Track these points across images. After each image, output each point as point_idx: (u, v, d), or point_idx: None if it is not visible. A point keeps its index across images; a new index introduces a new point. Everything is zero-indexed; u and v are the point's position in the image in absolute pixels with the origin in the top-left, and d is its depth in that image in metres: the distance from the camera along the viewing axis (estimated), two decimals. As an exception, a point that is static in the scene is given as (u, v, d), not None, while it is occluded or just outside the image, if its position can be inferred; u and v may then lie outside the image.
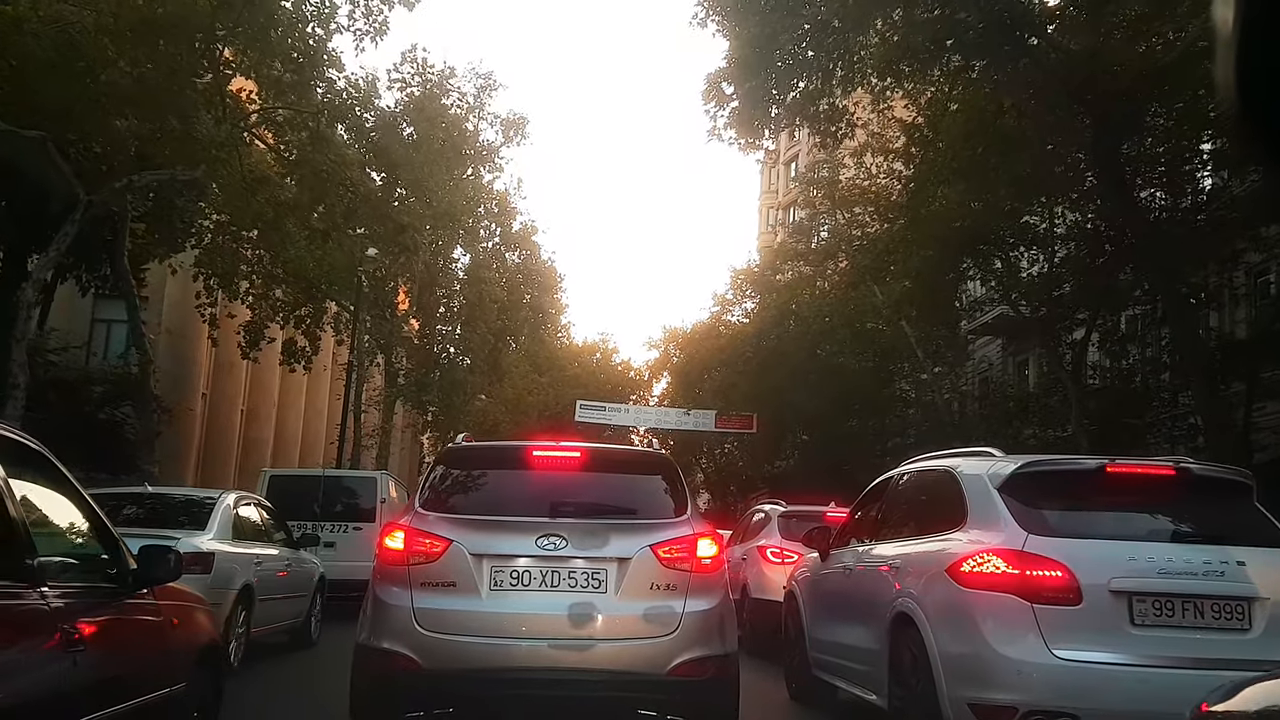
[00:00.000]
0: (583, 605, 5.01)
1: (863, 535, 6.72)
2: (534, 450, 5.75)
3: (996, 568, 4.61)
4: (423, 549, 5.14)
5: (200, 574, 7.31)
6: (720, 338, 40.03)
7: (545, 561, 5.08)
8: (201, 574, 7.39)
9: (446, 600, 5.04)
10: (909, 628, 5.12)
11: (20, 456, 3.25)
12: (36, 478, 3.39)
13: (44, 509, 3.48)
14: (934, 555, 5.16)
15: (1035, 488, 4.92)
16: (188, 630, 4.42)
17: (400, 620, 5.04)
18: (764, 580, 10.59)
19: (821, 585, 7.21)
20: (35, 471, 3.39)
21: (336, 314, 25.49)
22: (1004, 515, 4.81)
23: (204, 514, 8.62)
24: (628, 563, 5.11)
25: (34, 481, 3.35)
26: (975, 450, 5.90)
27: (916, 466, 6.25)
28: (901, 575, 5.40)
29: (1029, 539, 4.60)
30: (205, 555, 7.85)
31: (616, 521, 5.42)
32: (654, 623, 5.05)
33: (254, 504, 10.15)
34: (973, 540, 4.87)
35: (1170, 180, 18.35)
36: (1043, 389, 24.61)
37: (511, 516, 5.34)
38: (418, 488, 5.96)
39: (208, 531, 8.35)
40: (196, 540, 7.92)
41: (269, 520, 10.28)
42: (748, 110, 15.36)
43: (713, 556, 5.30)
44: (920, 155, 18.50)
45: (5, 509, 2.95)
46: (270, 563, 9.41)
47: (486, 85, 27.16)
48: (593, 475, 5.78)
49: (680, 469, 6.07)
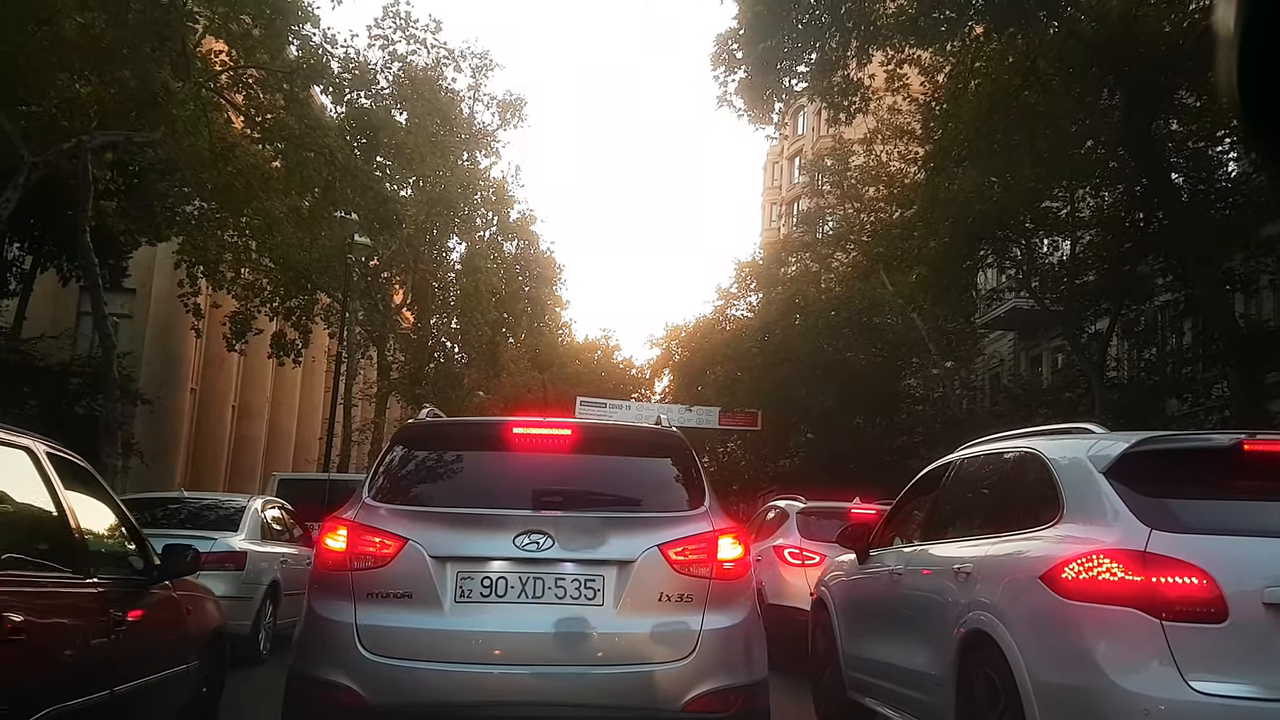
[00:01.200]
0: (573, 622, 3.96)
1: (912, 533, 5.67)
2: (513, 427, 4.64)
3: (1111, 573, 3.56)
4: (370, 550, 4.05)
5: (234, 570, 8.21)
6: (724, 332, 39.38)
7: (526, 566, 4.02)
8: (235, 570, 8.23)
9: (400, 615, 3.96)
10: (986, 649, 4.07)
11: (71, 471, 3.99)
12: (82, 488, 4.09)
13: (89, 514, 4.11)
14: (1020, 558, 4.10)
15: (1154, 472, 3.86)
16: (199, 618, 5.15)
17: (340, 641, 3.96)
18: (782, 584, 9.52)
19: (860, 592, 6.13)
20: (81, 483, 4.09)
21: (328, 305, 24.61)
22: (1115, 506, 3.76)
23: (235, 516, 9.34)
24: (630, 567, 4.05)
25: (81, 491, 4.03)
26: (1065, 427, 4.85)
27: (985, 449, 5.17)
28: (974, 582, 4.34)
29: (1153, 535, 3.55)
30: (239, 554, 8.52)
31: (616, 515, 4.35)
32: (664, 644, 4.01)
33: (277, 507, 10.76)
34: (1073, 538, 3.82)
35: (1199, 162, 17.58)
36: (1062, 382, 23.74)
37: (484, 509, 4.26)
38: (368, 474, 4.86)
39: (239, 532, 9.01)
40: (230, 540, 8.64)
41: (289, 521, 10.78)
42: (759, 78, 14.41)
43: (737, 559, 4.21)
44: (939, 131, 17.53)
45: (65, 515, 3.72)
46: (292, 561, 9.85)
47: (482, 65, 26.26)
48: (586, 458, 4.67)
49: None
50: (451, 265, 30.09)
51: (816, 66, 15.03)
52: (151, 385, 23.11)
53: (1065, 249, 21.36)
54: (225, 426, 30.25)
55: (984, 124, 16.22)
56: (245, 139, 15.42)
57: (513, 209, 31.17)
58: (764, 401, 34.95)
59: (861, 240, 27.63)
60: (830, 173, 32.14)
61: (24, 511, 3.61)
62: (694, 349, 42.41)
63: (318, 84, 14.17)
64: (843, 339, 30.96)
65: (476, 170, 28.44)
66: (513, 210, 31.18)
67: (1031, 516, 4.21)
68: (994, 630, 4.02)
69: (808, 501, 10.85)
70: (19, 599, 3.12)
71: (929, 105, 19.09)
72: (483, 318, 27.74)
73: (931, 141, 18.47)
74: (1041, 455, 4.34)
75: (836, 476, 24.80)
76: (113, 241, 17.30)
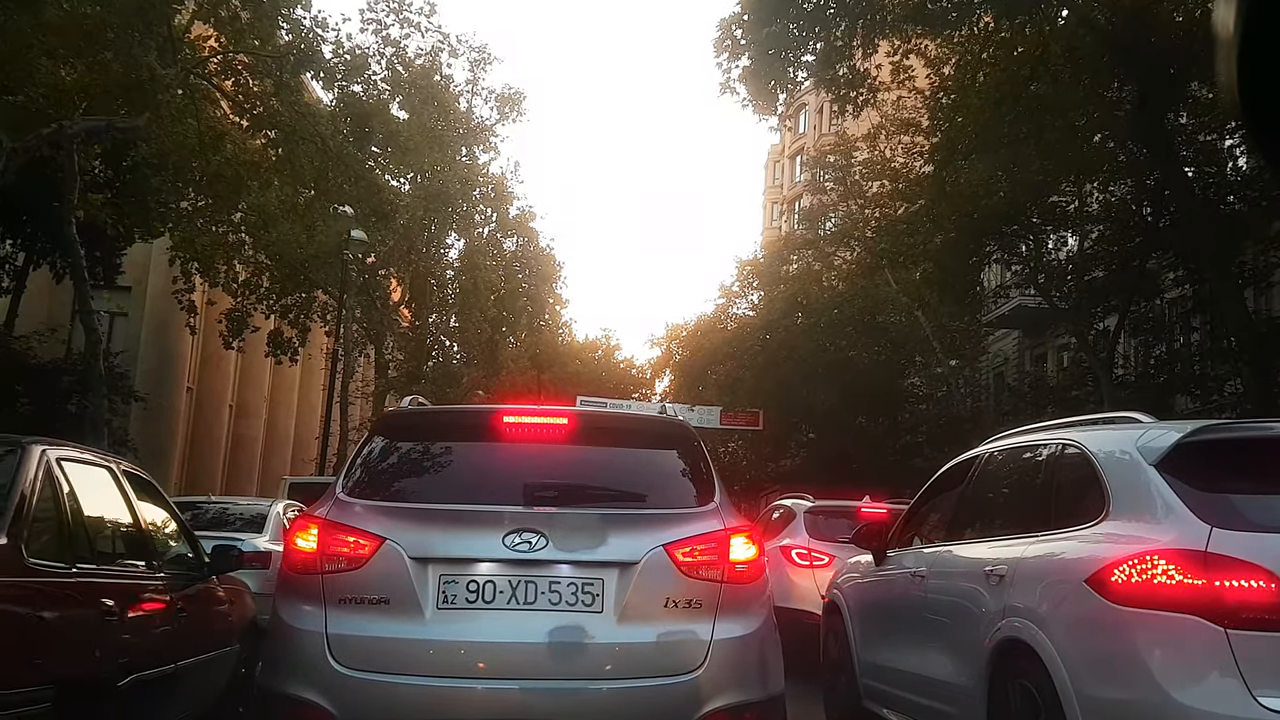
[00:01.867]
0: (569, 631, 3.57)
1: (935, 532, 5.31)
2: (504, 415, 4.21)
3: (1168, 576, 3.21)
4: (343, 550, 3.65)
5: (261, 569, 8.68)
6: (726, 331, 39.16)
7: (517, 568, 3.62)
8: (262, 569, 8.69)
9: (375, 624, 3.56)
10: (1023, 658, 3.72)
11: (139, 483, 4.91)
12: (147, 497, 4.99)
13: (154, 518, 5.03)
14: (1061, 560, 3.75)
15: (1212, 464, 3.50)
16: (239, 608, 5.85)
17: (308, 653, 3.56)
18: (789, 586, 9.15)
19: (877, 595, 5.77)
20: (146, 492, 5.01)
21: (326, 303, 24.29)
22: (1169, 501, 3.41)
23: (260, 519, 10.17)
24: (632, 569, 3.65)
25: (147, 499, 4.94)
26: (1108, 416, 4.47)
27: (1019, 441, 4.79)
28: (1008, 586, 3.98)
29: (1214, 534, 3.21)
30: (264, 554, 9.17)
31: (617, 512, 3.97)
32: (671, 656, 3.61)
33: (295, 510, 11.22)
34: (1122, 537, 3.47)
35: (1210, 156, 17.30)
36: (1069, 380, 23.43)
37: (471, 505, 3.86)
38: (344, 466, 4.47)
39: (264, 534, 9.75)
40: (257, 541, 9.40)
41: None
42: (763, 65, 14.04)
43: (751, 560, 3.81)
44: (947, 122, 17.21)
45: (138, 520, 4.66)
46: None
47: (480, 59, 25.93)
48: (584, 449, 4.28)
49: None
50: (450, 262, 29.78)
51: (821, 56, 14.68)
52: (147, 384, 22.87)
53: (1073, 245, 21.08)
54: (222, 426, 30.03)
55: (992, 116, 15.92)
56: (234, 127, 15.06)
57: (512, 205, 30.91)
58: (766, 401, 34.72)
59: (865, 236, 27.37)
60: (833, 169, 31.84)
61: (110, 519, 4.57)
62: (695, 348, 42.22)
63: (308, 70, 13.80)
64: (845, 337, 30.73)
65: (475, 166, 28.13)
66: (512, 207, 30.92)
67: (1072, 514, 3.85)
68: (1032, 638, 3.67)
69: (815, 500, 10.49)
70: (115, 590, 4.09)
71: (936, 96, 18.78)
72: (482, 315, 27.41)
73: (939, 133, 18.16)
74: (1083, 447, 3.97)
75: (839, 476, 24.58)
76: (106, 237, 16.99)
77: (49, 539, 3.79)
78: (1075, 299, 20.08)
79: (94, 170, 14.31)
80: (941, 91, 18.21)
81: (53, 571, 3.69)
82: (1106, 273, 19.58)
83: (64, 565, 3.78)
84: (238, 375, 30.64)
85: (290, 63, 13.17)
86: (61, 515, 3.94)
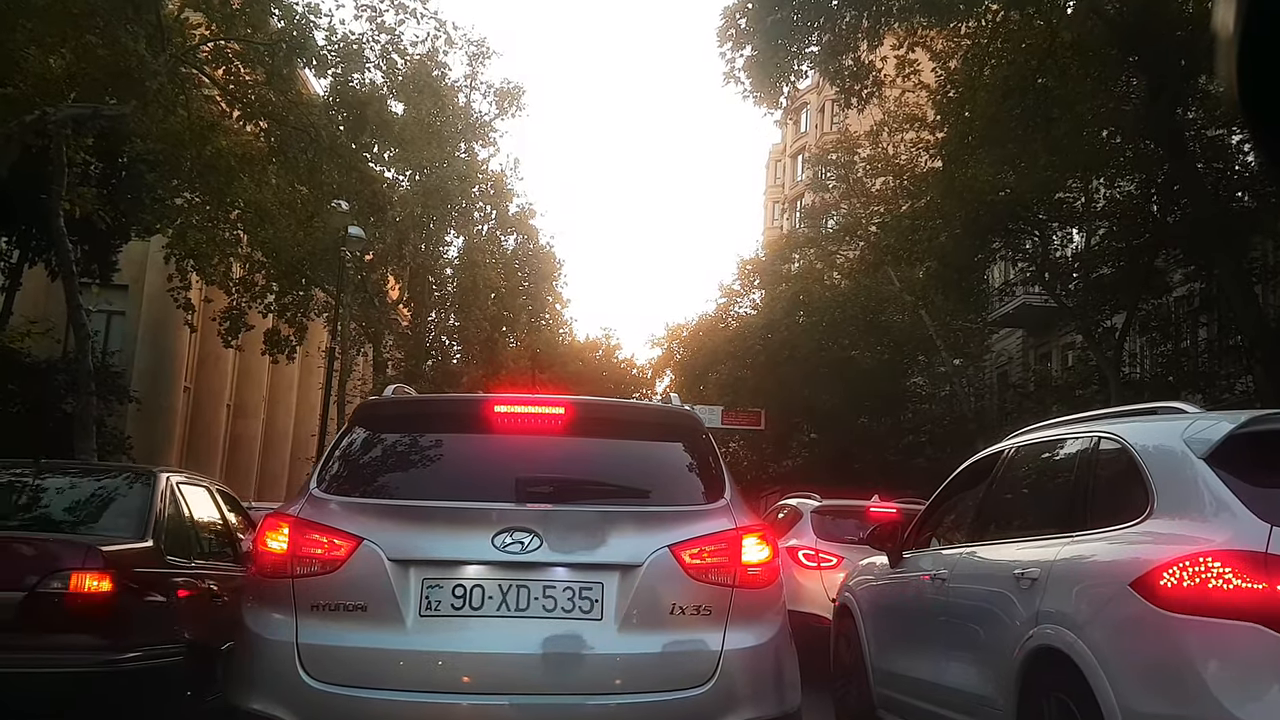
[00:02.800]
0: (565, 641, 3.27)
1: (956, 533, 5.03)
2: (495, 405, 3.90)
3: (1224, 580, 2.94)
4: (317, 552, 3.35)
5: None
6: (727, 330, 39.00)
7: (507, 571, 3.32)
8: None
9: (351, 633, 3.26)
10: (1059, 668, 3.44)
11: (226, 497, 6.77)
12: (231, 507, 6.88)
13: (236, 524, 6.74)
14: (1101, 562, 3.47)
15: (1267, 457, 3.24)
16: None
17: (277, 665, 3.27)
18: (796, 589, 8.83)
19: (893, 599, 5.49)
20: (230, 503, 6.84)
21: (324, 301, 24.02)
22: (1222, 498, 3.14)
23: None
24: (635, 572, 3.34)
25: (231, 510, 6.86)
26: (1149, 407, 4.19)
27: (1045, 435, 4.50)
28: (1040, 590, 3.69)
29: (1274, 533, 2.93)
30: None
31: (618, 509, 3.64)
32: (677, 668, 3.31)
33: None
34: (1170, 537, 3.20)
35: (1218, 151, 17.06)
36: (1075, 379, 23.19)
37: (457, 502, 3.55)
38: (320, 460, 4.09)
39: None
40: None
41: None
42: (767, 56, 13.78)
43: (765, 563, 3.51)
44: (954, 115, 16.97)
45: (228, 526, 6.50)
46: None
47: (479, 53, 25.65)
48: (582, 441, 3.94)
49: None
50: (449, 260, 29.49)
51: (826, 47, 14.42)
52: (144, 383, 22.66)
53: (1079, 242, 20.86)
54: (220, 425, 29.81)
55: (999, 109, 15.67)
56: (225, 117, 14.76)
57: (511, 202, 30.60)
58: (767, 400, 34.51)
59: (869, 232, 27.13)
60: (836, 165, 31.59)
61: (211, 525, 6.19)
62: (696, 347, 42.05)
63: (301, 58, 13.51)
64: (848, 336, 30.52)
65: (474, 162, 27.82)
66: (511, 204, 30.61)
67: (1112, 512, 3.57)
68: (1070, 647, 3.39)
69: (822, 500, 10.19)
70: (218, 577, 5.67)
71: (943, 89, 18.55)
72: (481, 314, 27.14)
73: (946, 127, 17.92)
74: (1123, 440, 3.69)
75: (841, 476, 24.38)
76: (100, 234, 16.74)
77: (175, 541, 5.39)
78: (1082, 296, 19.89)
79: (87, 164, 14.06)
80: (949, 85, 17.98)
81: (180, 564, 5.35)
82: (1114, 270, 19.35)
83: (187, 560, 5.49)
84: (235, 374, 30.41)
85: (283, 50, 12.86)
86: (182, 523, 5.62)
